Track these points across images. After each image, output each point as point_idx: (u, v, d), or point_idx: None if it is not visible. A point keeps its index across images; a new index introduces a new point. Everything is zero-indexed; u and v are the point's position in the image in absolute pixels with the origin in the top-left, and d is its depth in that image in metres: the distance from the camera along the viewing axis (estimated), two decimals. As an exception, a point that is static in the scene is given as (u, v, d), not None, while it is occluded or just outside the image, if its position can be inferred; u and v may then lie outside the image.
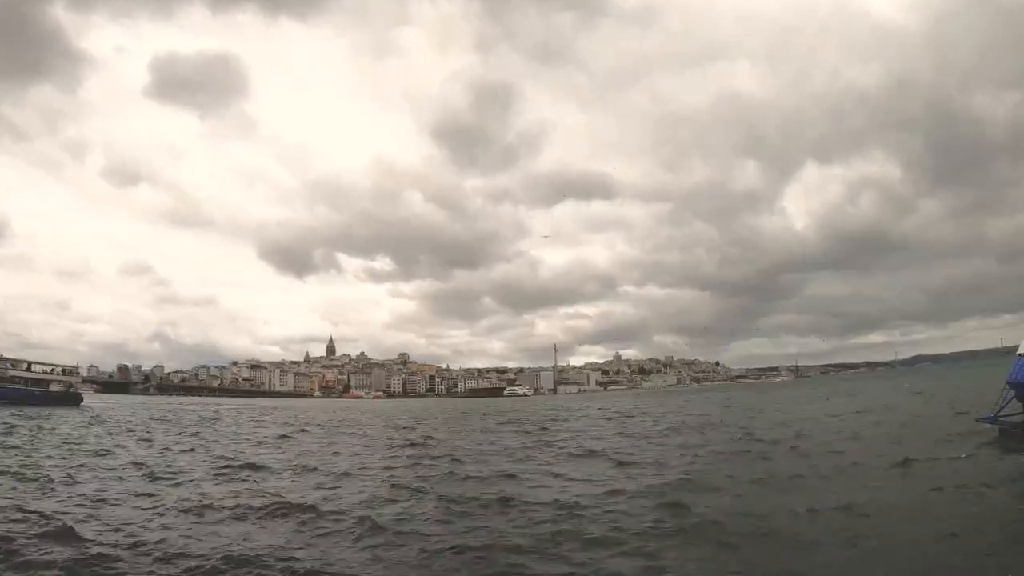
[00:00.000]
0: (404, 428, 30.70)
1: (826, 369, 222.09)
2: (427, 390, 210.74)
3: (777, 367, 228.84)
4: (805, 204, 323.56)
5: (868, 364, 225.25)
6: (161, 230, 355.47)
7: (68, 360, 62.50)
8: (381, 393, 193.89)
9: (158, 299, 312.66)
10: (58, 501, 10.28)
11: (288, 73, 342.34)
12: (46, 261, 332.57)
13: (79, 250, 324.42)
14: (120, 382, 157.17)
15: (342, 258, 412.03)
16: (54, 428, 26.02)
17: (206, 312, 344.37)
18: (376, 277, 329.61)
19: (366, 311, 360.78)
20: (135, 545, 7.54)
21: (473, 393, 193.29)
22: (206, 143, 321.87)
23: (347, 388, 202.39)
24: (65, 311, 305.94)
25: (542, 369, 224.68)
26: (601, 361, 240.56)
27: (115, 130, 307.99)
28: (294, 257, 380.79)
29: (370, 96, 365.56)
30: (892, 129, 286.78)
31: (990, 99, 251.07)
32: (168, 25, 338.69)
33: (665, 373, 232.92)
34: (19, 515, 8.96)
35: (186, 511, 9.55)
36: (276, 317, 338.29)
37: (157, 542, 7.69)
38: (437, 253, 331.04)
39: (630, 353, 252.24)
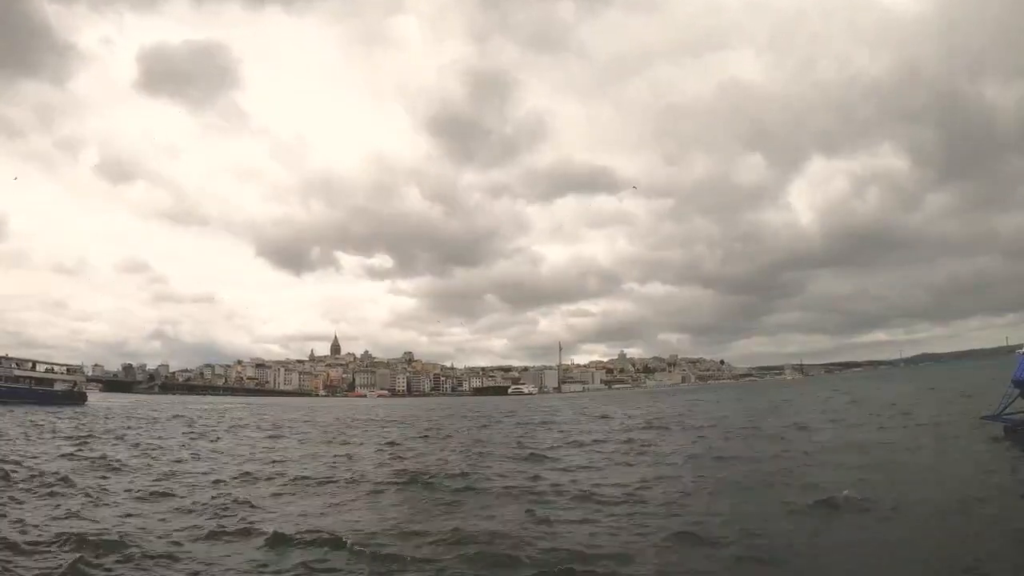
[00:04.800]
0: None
1: (830, 368, 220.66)
2: (432, 388, 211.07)
3: (782, 366, 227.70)
4: (810, 199, 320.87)
5: (871, 363, 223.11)
6: (156, 226, 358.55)
7: (68, 358, 63.02)
8: (386, 392, 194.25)
9: (156, 297, 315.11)
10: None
11: (278, 65, 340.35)
12: (43, 258, 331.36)
13: (75, 247, 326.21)
14: (124, 381, 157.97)
15: (340, 255, 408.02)
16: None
17: (205, 310, 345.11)
18: (375, 274, 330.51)
19: (366, 309, 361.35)
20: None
21: (478, 392, 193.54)
22: (198, 137, 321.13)
23: (351, 387, 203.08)
24: (63, 309, 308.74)
25: (546, 368, 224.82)
26: (605, 359, 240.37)
27: (107, 125, 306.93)
28: (292, 254, 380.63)
29: (363, 88, 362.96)
30: (900, 120, 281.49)
31: (1001, 89, 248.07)
32: (152, 16, 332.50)
33: (670, 372, 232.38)
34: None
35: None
36: (276, 315, 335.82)
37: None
38: (436, 250, 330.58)
39: (634, 351, 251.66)
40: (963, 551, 6.58)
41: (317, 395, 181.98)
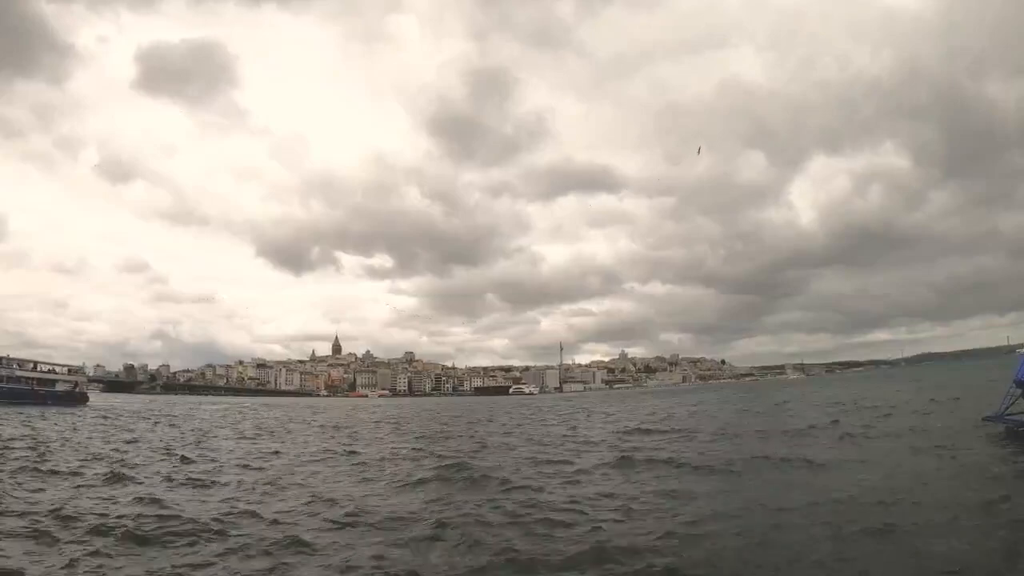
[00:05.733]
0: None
1: (831, 367, 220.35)
2: (433, 388, 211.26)
3: (783, 365, 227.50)
4: (811, 197, 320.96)
5: (872, 362, 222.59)
6: (156, 226, 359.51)
7: (69, 359, 63.14)
8: (387, 392, 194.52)
9: (156, 297, 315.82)
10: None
11: (276, 64, 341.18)
12: (43, 258, 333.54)
13: (75, 247, 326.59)
14: (126, 381, 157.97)
15: (340, 255, 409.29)
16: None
17: (205, 310, 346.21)
18: (375, 274, 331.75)
19: (366, 309, 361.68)
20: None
21: (479, 392, 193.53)
22: (197, 136, 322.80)
23: (352, 387, 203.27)
24: (63, 309, 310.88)
25: (548, 368, 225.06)
26: (607, 359, 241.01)
27: (106, 124, 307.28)
28: (291, 254, 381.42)
29: (363, 87, 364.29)
30: (902, 119, 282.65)
31: (1002, 87, 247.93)
32: (149, 15, 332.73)
33: (671, 371, 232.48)
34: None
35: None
36: (276, 315, 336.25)
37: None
38: (436, 249, 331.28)
39: (635, 351, 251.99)
40: (971, 555, 6.53)
41: (318, 395, 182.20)
